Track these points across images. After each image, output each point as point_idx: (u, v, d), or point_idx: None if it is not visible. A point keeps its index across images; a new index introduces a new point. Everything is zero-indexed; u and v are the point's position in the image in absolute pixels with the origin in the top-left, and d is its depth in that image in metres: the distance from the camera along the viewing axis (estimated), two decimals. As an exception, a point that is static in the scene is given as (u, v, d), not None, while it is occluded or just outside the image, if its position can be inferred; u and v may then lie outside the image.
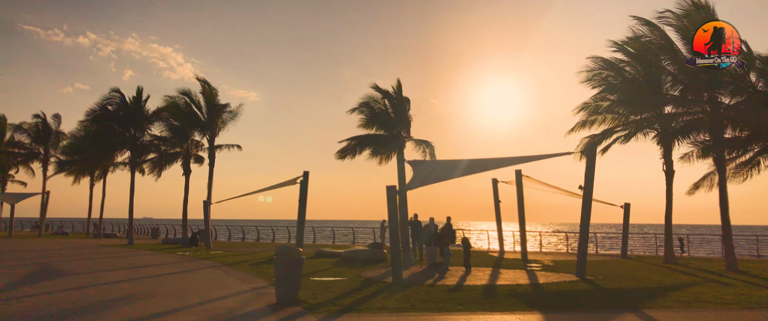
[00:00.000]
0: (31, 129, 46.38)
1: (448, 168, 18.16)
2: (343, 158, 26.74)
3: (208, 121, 34.54)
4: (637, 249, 34.81)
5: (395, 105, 26.08)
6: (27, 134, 46.60)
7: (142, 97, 35.65)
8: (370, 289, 12.53)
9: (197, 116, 34.62)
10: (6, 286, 12.74)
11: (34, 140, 46.43)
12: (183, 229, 36.90)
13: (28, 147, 46.80)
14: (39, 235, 45.53)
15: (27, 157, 47.41)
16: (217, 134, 34.79)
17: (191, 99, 34.46)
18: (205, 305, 10.16)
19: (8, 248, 27.40)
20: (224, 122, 34.85)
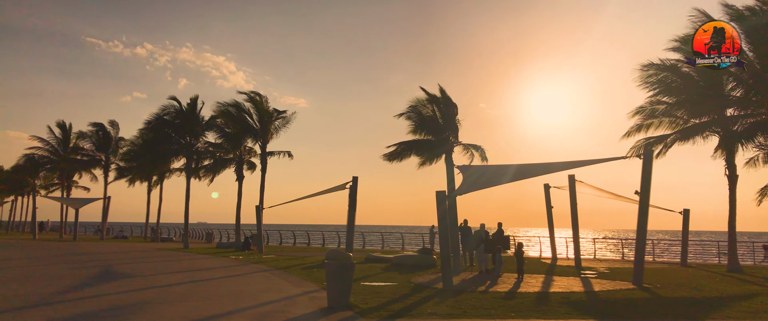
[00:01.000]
0: (93, 136, 48.49)
1: (498, 173, 17.94)
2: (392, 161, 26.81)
3: (260, 129, 35.28)
4: (697, 257, 33.47)
5: (443, 110, 25.98)
6: (89, 141, 48.76)
7: (196, 105, 36.75)
8: (420, 295, 12.48)
9: (249, 124, 35.41)
10: (72, 287, 13.31)
11: (96, 147, 48.51)
12: (236, 233, 37.72)
13: (91, 153, 48.92)
14: (101, 238, 47.44)
15: (89, 164, 49.56)
16: (268, 141, 35.50)
17: (243, 107, 35.30)
18: (258, 308, 10.34)
19: (73, 251, 28.65)
20: (276, 129, 35.55)
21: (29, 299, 11.08)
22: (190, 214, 37.19)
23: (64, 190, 52.82)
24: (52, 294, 11.97)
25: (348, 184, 24.76)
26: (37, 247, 31.91)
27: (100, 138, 48.14)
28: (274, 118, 35.69)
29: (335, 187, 25.56)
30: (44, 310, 9.83)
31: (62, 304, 10.48)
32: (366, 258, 23.43)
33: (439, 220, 14.65)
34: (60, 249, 30.48)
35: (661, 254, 31.15)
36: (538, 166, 17.58)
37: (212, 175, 39.35)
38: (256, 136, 35.71)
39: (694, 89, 20.67)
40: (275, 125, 35.84)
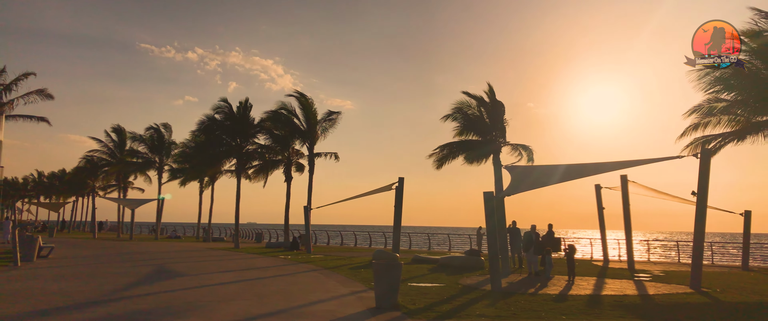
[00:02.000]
0: (147, 139, 50.16)
1: (547, 173, 17.64)
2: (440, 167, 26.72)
3: (308, 130, 35.73)
4: (760, 261, 32.03)
5: (489, 110, 25.71)
6: (144, 144, 50.45)
7: (246, 108, 37.51)
8: (468, 296, 12.39)
9: (297, 126, 35.92)
10: (130, 285, 13.80)
11: (150, 149, 50.12)
12: (285, 233, 38.28)
13: (145, 156, 50.60)
14: (155, 238, 49.00)
15: (144, 166, 51.28)
16: (316, 142, 35.93)
17: (291, 110, 35.84)
18: (307, 307, 10.48)
19: (130, 250, 29.70)
20: (323, 130, 35.93)
21: (91, 296, 11.55)
22: (240, 215, 37.98)
23: (120, 191, 54.81)
24: (111, 291, 12.45)
25: (394, 184, 24.79)
26: (97, 246, 33.22)
27: (154, 140, 49.72)
28: (322, 119, 36.12)
29: (381, 187, 25.64)
30: (105, 306, 10.23)
31: (121, 301, 10.88)
32: (413, 259, 23.42)
33: (487, 221, 14.52)
34: (117, 248, 31.65)
35: (720, 257, 29.96)
36: (588, 166, 17.18)
37: (262, 176, 40.10)
38: (303, 137, 36.19)
39: (758, 86, 19.76)
40: (322, 127, 36.24)
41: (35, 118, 30.93)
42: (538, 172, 18.65)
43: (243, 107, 37.52)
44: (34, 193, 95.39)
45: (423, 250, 36.26)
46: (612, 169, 17.65)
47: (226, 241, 45.84)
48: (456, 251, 32.62)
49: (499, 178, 23.07)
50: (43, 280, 14.47)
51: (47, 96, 30.16)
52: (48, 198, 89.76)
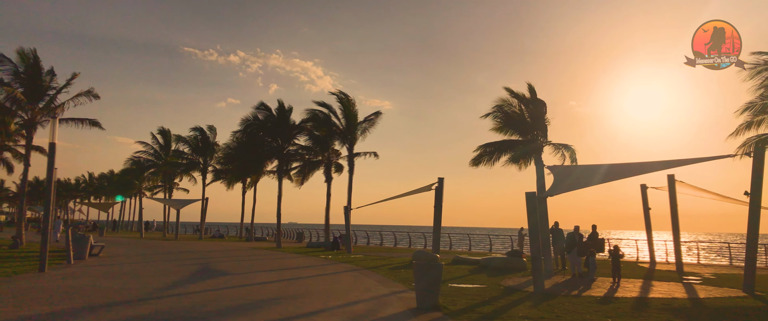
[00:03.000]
0: (191, 140, 51.35)
1: (590, 173, 17.28)
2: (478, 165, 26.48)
3: (347, 131, 35.97)
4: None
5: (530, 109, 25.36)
6: (188, 145, 51.67)
7: (287, 110, 38.01)
8: (510, 298, 12.25)
9: (337, 126, 36.21)
10: (176, 283, 14.15)
11: (195, 151, 51.29)
12: (325, 233, 38.63)
13: (190, 157, 51.80)
14: (199, 237, 50.09)
15: (188, 167, 52.52)
16: (355, 143, 36.13)
17: (331, 110, 36.16)
18: (348, 307, 10.54)
19: (175, 249, 30.45)
20: (364, 131, 36.12)
21: (139, 293, 11.89)
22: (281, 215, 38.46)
23: (166, 192, 56.24)
24: (158, 289, 12.78)
25: (434, 185, 24.67)
26: (144, 245, 34.18)
27: (198, 142, 50.87)
28: (361, 120, 36.31)
29: (421, 188, 25.56)
30: (153, 303, 10.51)
31: (168, 299, 11.16)
32: (453, 259, 23.28)
33: (529, 221, 14.31)
34: (164, 247, 32.49)
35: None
36: (633, 166, 16.76)
37: (302, 176, 40.56)
38: (343, 138, 36.46)
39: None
40: (362, 127, 36.44)
41: (87, 121, 31.96)
42: (581, 172, 18.30)
43: (282, 109, 38.02)
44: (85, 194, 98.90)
45: (463, 250, 36.03)
46: (658, 168, 17.17)
47: (268, 240, 46.51)
48: (497, 252, 32.29)
49: (541, 178, 22.74)
50: (95, 277, 14.97)
51: (94, 96, 31.12)
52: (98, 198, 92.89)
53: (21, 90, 29.41)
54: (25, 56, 29.80)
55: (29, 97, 29.61)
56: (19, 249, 26.50)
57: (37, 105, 30.04)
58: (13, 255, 22.75)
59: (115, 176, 77.14)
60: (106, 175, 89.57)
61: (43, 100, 30.33)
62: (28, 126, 30.54)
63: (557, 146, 25.58)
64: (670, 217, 21.53)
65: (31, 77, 29.80)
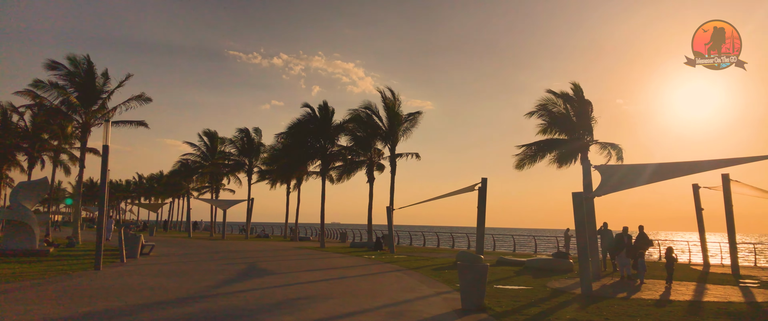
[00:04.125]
0: (237, 142, 52.36)
1: (639, 172, 16.82)
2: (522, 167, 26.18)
3: (389, 131, 36.03)
4: None
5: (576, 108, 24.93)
6: (234, 147, 52.70)
7: (330, 111, 38.36)
8: (557, 300, 12.05)
9: (379, 127, 36.31)
10: (224, 282, 14.46)
11: (240, 152, 52.28)
12: (368, 233, 38.79)
13: (236, 158, 52.82)
14: (245, 237, 51.03)
15: (234, 167, 53.56)
16: (397, 143, 36.16)
17: (373, 111, 36.29)
18: (393, 307, 10.56)
19: (222, 249, 31.11)
20: (405, 131, 36.11)
21: (189, 291, 12.21)
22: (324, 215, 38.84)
23: (213, 193, 57.50)
24: (207, 287, 13.09)
25: (477, 185, 24.48)
26: (192, 245, 35.04)
27: (244, 143, 51.82)
28: (403, 120, 36.30)
29: (464, 188, 25.40)
30: (202, 301, 10.78)
31: (216, 298, 11.42)
32: (497, 260, 23.07)
33: (576, 222, 14.06)
34: (211, 247, 33.24)
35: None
36: (683, 165, 16.23)
37: (345, 177, 40.86)
38: (385, 138, 36.54)
39: None
40: (403, 127, 36.43)
41: (135, 122, 32.97)
42: (629, 172, 17.83)
43: (325, 110, 38.38)
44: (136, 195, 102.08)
45: (507, 251, 35.60)
46: (711, 167, 16.56)
47: (312, 240, 47.02)
48: (542, 253, 31.79)
49: (587, 178, 22.28)
50: (146, 275, 15.44)
51: (145, 100, 32.11)
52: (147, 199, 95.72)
53: (75, 95, 30.57)
54: (77, 62, 30.93)
55: (83, 101, 30.75)
56: (75, 247, 27.57)
57: (90, 108, 31.15)
58: (70, 253, 23.68)
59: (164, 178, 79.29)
60: (155, 176, 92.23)
61: (96, 104, 31.43)
62: (82, 129, 31.70)
63: (604, 145, 25.07)
64: (725, 217, 20.77)
65: (85, 82, 30.93)
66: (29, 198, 23.34)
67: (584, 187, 21.99)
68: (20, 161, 46.05)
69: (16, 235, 22.12)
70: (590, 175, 22.14)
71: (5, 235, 22.86)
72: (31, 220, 22.38)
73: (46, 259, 20.08)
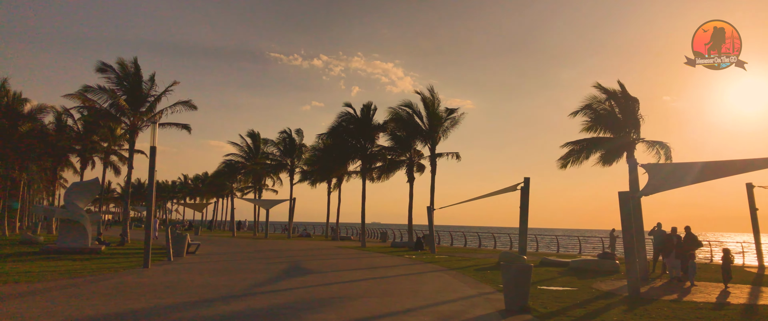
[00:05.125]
0: (279, 143, 53.13)
1: (688, 171, 16.27)
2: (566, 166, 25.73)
3: (429, 131, 35.90)
4: None
5: (621, 105, 24.36)
6: (276, 147, 53.49)
7: (370, 111, 38.49)
8: (603, 302, 11.77)
9: (419, 126, 36.22)
10: (268, 280, 14.68)
11: (282, 153, 53.02)
12: (409, 233, 38.75)
13: (278, 158, 53.60)
14: (288, 236, 51.70)
15: (277, 168, 54.35)
16: (437, 143, 36.01)
17: (413, 110, 36.22)
18: (436, 307, 10.51)
19: (265, 248, 31.60)
20: (445, 130, 35.91)
21: (234, 289, 12.43)
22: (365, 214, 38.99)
23: (256, 193, 58.47)
24: (251, 285, 13.31)
25: (519, 185, 24.16)
26: (236, 244, 35.70)
27: (286, 144, 52.57)
28: (443, 119, 36.12)
29: (506, 188, 25.08)
30: (247, 299, 10.96)
31: (260, 296, 11.59)
32: (541, 261, 22.72)
33: (622, 222, 13.71)
34: (254, 246, 33.80)
35: None
36: (736, 163, 15.61)
37: (385, 176, 40.92)
38: (425, 138, 36.43)
39: None
40: (444, 127, 36.25)
41: (179, 125, 33.77)
42: (678, 170, 17.29)
43: (366, 110, 38.54)
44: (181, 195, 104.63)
45: (550, 252, 35.03)
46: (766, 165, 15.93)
47: (352, 240, 47.28)
48: (587, 254, 31.16)
49: (634, 177, 21.73)
50: (192, 273, 15.81)
51: (191, 107, 32.87)
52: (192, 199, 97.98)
53: (124, 97, 31.52)
54: (126, 66, 31.88)
55: (131, 103, 31.67)
56: (124, 246, 28.45)
57: (138, 111, 32.06)
58: (120, 251, 24.45)
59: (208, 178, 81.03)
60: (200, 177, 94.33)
61: (143, 107, 32.34)
62: (131, 131, 32.67)
63: (651, 143, 24.40)
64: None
65: (132, 85, 31.85)
66: (82, 198, 24.22)
67: (630, 186, 21.45)
68: (73, 162, 47.79)
69: (70, 233, 22.97)
70: (637, 173, 21.60)
71: (60, 234, 23.76)
72: (84, 219, 23.20)
73: (98, 257, 20.78)
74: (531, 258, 23.15)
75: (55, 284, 12.57)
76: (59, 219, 24.81)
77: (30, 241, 28.22)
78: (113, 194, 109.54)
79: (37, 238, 29.50)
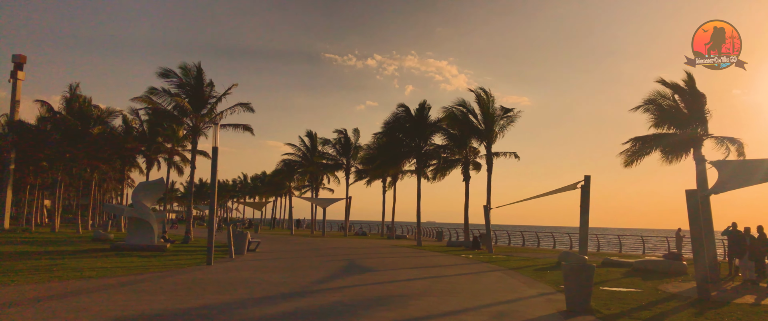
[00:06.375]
0: (335, 142, 53.82)
1: (762, 168, 15.50)
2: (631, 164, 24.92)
3: (485, 129, 35.50)
4: None
5: (687, 100, 23.36)
6: (332, 147, 54.20)
7: (424, 110, 38.42)
8: (670, 304, 11.33)
9: (474, 125, 35.87)
10: (326, 278, 14.89)
11: (338, 152, 53.67)
12: (465, 232, 38.47)
13: (334, 158, 54.31)
14: (344, 235, 52.25)
15: (333, 167, 55.08)
16: (493, 141, 35.56)
17: (467, 109, 35.91)
18: (495, 307, 10.40)
19: (323, 246, 32.05)
20: (501, 129, 35.43)
21: (294, 286, 12.67)
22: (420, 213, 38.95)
23: (313, 191, 59.40)
24: (311, 283, 13.53)
25: (579, 183, 23.55)
26: (295, 242, 36.37)
27: (342, 143, 53.22)
28: (499, 117, 35.65)
29: (565, 186, 24.52)
30: (307, 297, 11.15)
31: (320, 293, 11.77)
32: (603, 261, 22.12)
33: (690, 221, 13.16)
34: (312, 244, 34.33)
35: None
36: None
37: (440, 175, 40.76)
38: (480, 136, 36.05)
39: None
40: (500, 125, 35.77)
41: (241, 126, 34.64)
42: (750, 167, 16.48)
43: (421, 109, 38.50)
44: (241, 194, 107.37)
45: (613, 252, 34.00)
46: None
47: (408, 238, 47.33)
48: (651, 254, 30.09)
49: (702, 175, 20.85)
50: (254, 270, 16.20)
51: (249, 109, 33.66)
52: (252, 198, 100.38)
53: (186, 100, 32.61)
54: (189, 70, 32.97)
55: (193, 106, 32.73)
56: (188, 244, 29.46)
57: (200, 113, 33.10)
58: (184, 249, 25.34)
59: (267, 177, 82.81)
60: (259, 176, 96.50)
61: (204, 109, 33.37)
62: (193, 132, 33.77)
63: (720, 139, 23.29)
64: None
65: (195, 88, 32.92)
66: (148, 197, 25.24)
67: (698, 184, 20.61)
68: (139, 163, 49.88)
69: (137, 231, 23.96)
70: (705, 171, 20.73)
71: (129, 232, 24.83)
72: (151, 218, 24.15)
73: (163, 255, 21.60)
74: (592, 258, 22.49)
75: (125, 280, 13.16)
76: (128, 217, 25.92)
77: (101, 238, 29.63)
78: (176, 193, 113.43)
79: (108, 235, 30.94)
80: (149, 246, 23.37)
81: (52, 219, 44.88)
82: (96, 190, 51.93)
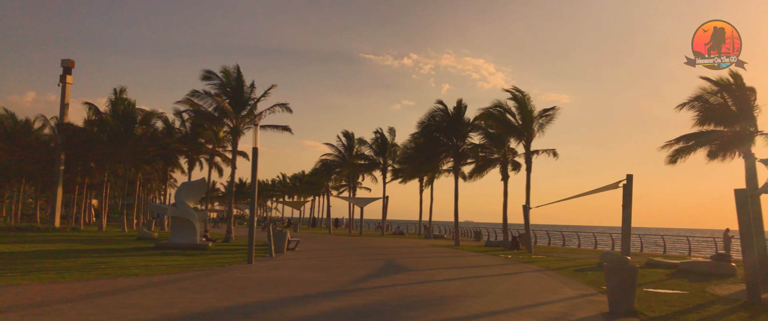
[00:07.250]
0: (372, 142, 54.04)
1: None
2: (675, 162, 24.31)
3: (523, 128, 35.04)
4: None
5: (735, 96, 22.64)
6: (370, 147, 54.42)
7: (461, 108, 38.20)
8: (719, 307, 10.99)
9: (512, 123, 35.44)
10: (364, 277, 14.97)
11: (375, 152, 53.87)
12: (504, 232, 38.09)
13: (371, 157, 54.54)
14: (381, 234, 52.39)
15: (370, 166, 55.31)
16: (532, 139, 35.09)
17: (504, 108, 35.51)
18: (536, 308, 10.28)
19: (361, 245, 32.21)
20: (540, 127, 34.93)
21: (333, 285, 12.79)
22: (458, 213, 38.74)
23: (350, 191, 59.75)
24: (349, 282, 13.63)
25: (621, 182, 23.05)
26: (333, 241, 36.65)
27: (379, 143, 53.40)
28: (537, 116, 35.15)
29: (606, 186, 24.02)
30: (346, 296, 11.24)
31: (359, 293, 11.85)
32: (646, 262, 21.60)
33: (739, 222, 12.73)
34: (350, 243, 34.55)
35: None
36: None
37: (478, 175, 40.44)
38: (519, 135, 35.58)
39: None
40: (539, 123, 35.27)
41: (279, 127, 35.09)
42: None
43: (458, 108, 38.29)
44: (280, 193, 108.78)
45: (656, 253, 33.16)
46: None
47: (445, 238, 47.15)
48: (697, 256, 29.24)
49: (751, 173, 20.14)
50: (293, 269, 16.41)
51: (287, 109, 34.07)
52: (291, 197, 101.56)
53: (227, 101, 33.24)
54: (229, 73, 33.59)
55: (234, 107, 33.33)
56: (229, 242, 30.02)
57: (240, 114, 33.68)
58: (225, 248, 25.84)
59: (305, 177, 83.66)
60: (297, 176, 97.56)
61: (244, 110, 33.94)
62: (233, 133, 34.39)
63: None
64: None
65: (235, 90, 33.51)
66: (191, 197, 25.83)
67: (747, 183, 19.92)
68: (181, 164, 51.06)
69: (181, 230, 24.55)
70: (755, 169, 20.03)
71: (172, 230, 25.46)
72: (193, 217, 24.71)
73: (205, 253, 22.07)
74: (635, 258, 22.03)
75: (169, 277, 13.51)
76: (171, 216, 26.57)
77: (146, 236, 30.48)
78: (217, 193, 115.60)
79: (152, 234, 31.79)
80: (192, 245, 23.91)
81: (99, 218, 46.43)
82: (140, 190, 53.40)
